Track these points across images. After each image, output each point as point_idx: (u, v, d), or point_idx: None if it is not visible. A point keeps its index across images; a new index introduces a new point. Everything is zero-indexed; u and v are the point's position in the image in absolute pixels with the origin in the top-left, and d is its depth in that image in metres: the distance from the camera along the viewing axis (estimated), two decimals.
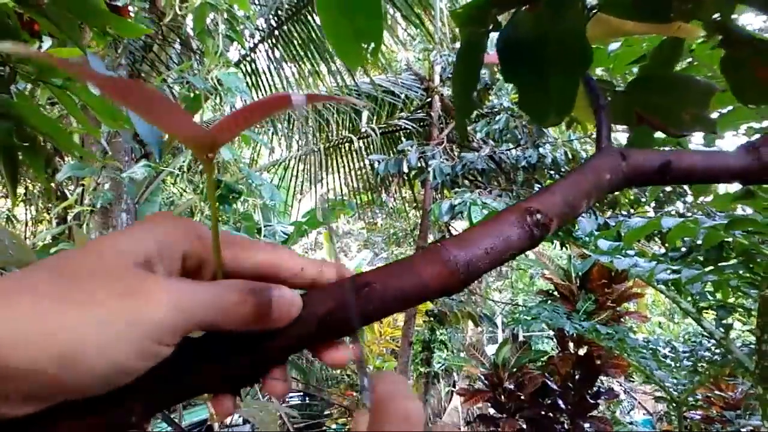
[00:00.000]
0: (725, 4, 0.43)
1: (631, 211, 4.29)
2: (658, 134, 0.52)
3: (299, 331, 0.28)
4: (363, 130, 5.01)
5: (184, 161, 2.70)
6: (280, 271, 0.29)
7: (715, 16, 0.43)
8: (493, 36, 0.47)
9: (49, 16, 0.91)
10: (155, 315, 0.23)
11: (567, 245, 3.75)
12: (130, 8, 2.40)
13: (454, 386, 7.11)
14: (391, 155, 4.60)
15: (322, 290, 0.29)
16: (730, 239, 1.71)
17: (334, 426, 5.91)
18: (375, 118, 5.20)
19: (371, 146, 5.23)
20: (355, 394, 5.99)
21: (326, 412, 6.22)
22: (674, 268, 2.07)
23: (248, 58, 3.95)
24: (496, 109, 4.44)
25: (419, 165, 4.27)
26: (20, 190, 3.75)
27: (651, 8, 0.43)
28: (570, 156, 4.08)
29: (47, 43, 1.20)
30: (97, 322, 0.22)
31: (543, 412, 3.79)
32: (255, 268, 0.29)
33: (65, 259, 0.24)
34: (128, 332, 0.22)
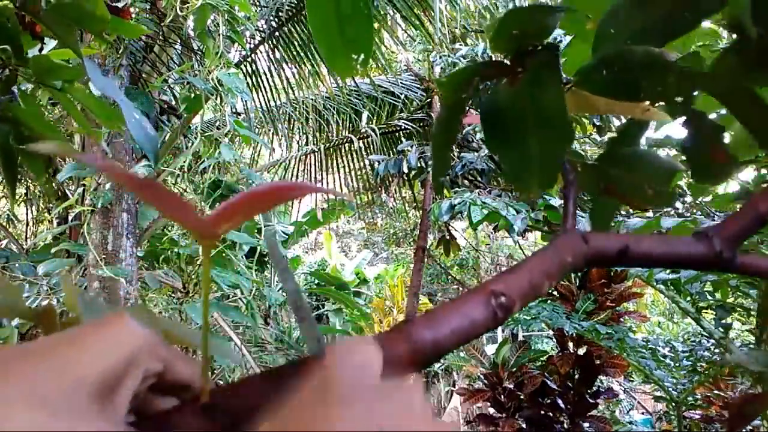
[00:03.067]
0: (688, 88, 0.46)
1: (631, 211, 4.30)
2: None
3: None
4: (363, 130, 5.02)
5: (184, 161, 2.71)
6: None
7: (678, 99, 0.46)
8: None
9: (45, 22, 0.91)
10: None
11: None
12: (132, 9, 2.41)
13: (453, 386, 7.13)
14: (391, 155, 4.62)
15: (297, 365, 0.30)
16: None
17: None
18: (375, 118, 5.21)
19: (371, 146, 5.23)
20: None
21: None
22: None
23: (249, 59, 3.96)
24: None
25: (419, 165, 4.28)
26: (21, 190, 3.75)
27: (622, 87, 0.46)
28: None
29: (51, 44, 1.20)
30: None
31: (542, 412, 3.80)
32: (183, 382, 0.30)
33: (45, 381, 0.24)
34: None
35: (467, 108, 0.50)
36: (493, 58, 0.46)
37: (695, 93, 0.46)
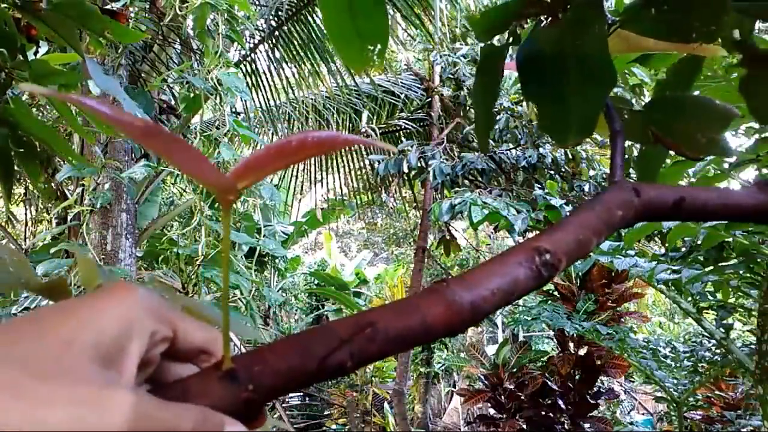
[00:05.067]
0: (745, 20, 0.43)
1: None
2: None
3: (300, 371, 0.27)
4: (363, 130, 5.01)
5: None
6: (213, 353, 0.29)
7: (735, 33, 0.43)
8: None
9: (47, 22, 0.90)
10: (116, 417, 0.22)
11: None
12: (131, 8, 2.41)
13: (454, 386, 7.12)
14: (391, 155, 4.61)
15: (325, 329, 0.28)
16: (731, 239, 1.71)
17: (334, 426, 5.92)
18: (375, 118, 5.20)
19: (371, 146, 5.23)
20: (354, 394, 6.00)
21: (326, 412, 6.22)
22: (674, 268, 2.07)
23: (248, 59, 3.95)
24: (496, 109, 4.45)
25: (419, 165, 4.28)
26: (20, 190, 3.74)
27: (672, 27, 0.42)
28: (570, 156, 4.08)
29: (44, 48, 1.20)
30: (52, 428, 0.21)
31: (543, 413, 3.79)
32: (198, 347, 0.29)
33: (27, 343, 0.23)
34: None
35: (506, 54, 0.47)
36: None
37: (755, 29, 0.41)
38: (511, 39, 0.45)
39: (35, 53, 1.11)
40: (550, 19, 0.43)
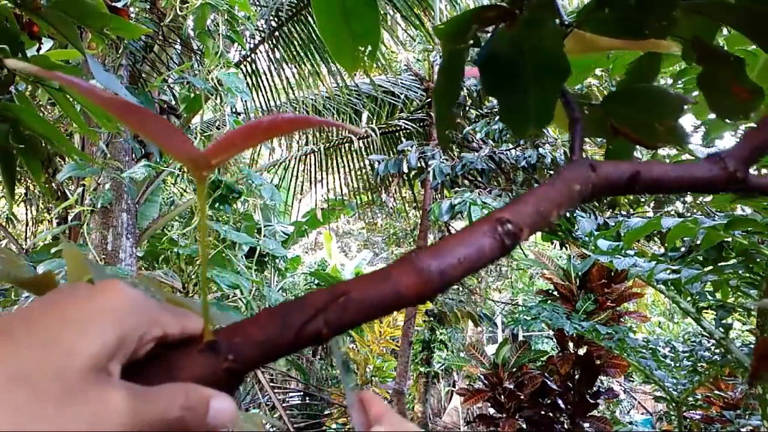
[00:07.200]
0: (702, 22, 0.45)
1: (631, 211, 4.30)
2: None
3: (278, 340, 0.28)
4: (363, 130, 5.02)
5: None
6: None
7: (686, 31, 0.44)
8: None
9: (46, 19, 0.90)
10: (115, 421, 0.23)
11: (567, 245, 3.76)
12: (131, 9, 2.41)
13: (454, 386, 7.12)
14: (391, 155, 4.61)
15: (301, 300, 0.29)
16: (730, 239, 1.71)
17: (334, 425, 5.92)
18: (375, 118, 5.21)
19: (371, 146, 5.23)
20: None
21: (326, 412, 6.22)
22: (674, 268, 2.07)
23: (249, 59, 3.96)
24: (495, 110, 4.45)
25: (419, 165, 4.28)
26: (21, 190, 3.75)
27: (625, 25, 0.44)
28: (569, 156, 4.08)
29: (47, 44, 1.20)
30: None
31: (543, 412, 3.80)
32: (186, 335, 0.29)
33: (26, 355, 0.23)
34: None
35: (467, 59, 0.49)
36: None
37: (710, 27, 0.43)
38: (471, 41, 0.47)
39: (38, 50, 1.11)
40: (507, 21, 0.45)
